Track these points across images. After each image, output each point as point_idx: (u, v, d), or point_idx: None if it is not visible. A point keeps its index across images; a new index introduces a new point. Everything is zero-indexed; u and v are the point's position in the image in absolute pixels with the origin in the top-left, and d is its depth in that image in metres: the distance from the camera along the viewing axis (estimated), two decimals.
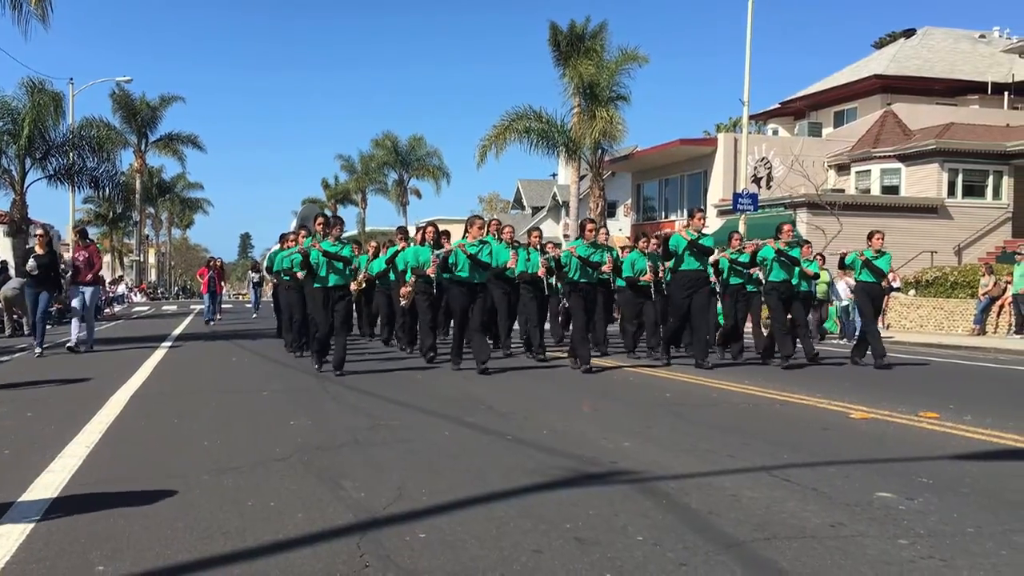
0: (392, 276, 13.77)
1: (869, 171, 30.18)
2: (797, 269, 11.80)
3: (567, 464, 5.30)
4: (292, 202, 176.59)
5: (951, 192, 28.83)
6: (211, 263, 24.18)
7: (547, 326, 14.09)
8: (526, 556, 3.57)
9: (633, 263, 12.54)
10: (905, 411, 7.51)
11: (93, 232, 63.11)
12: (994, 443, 6.18)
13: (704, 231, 11.62)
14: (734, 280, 12.50)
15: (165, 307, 37.22)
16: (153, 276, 68.35)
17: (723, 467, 5.24)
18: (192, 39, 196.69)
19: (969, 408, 7.71)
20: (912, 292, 22.73)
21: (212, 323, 21.84)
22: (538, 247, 12.76)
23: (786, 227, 12.02)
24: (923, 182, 29.03)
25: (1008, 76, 32.90)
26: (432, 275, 11.10)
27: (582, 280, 11.00)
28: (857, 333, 13.76)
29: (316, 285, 10.34)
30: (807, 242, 13.54)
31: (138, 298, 47.17)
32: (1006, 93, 32.91)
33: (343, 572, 3.38)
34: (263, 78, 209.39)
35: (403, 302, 12.87)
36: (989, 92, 33.28)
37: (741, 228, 22.55)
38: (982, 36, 38.16)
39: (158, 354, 13.18)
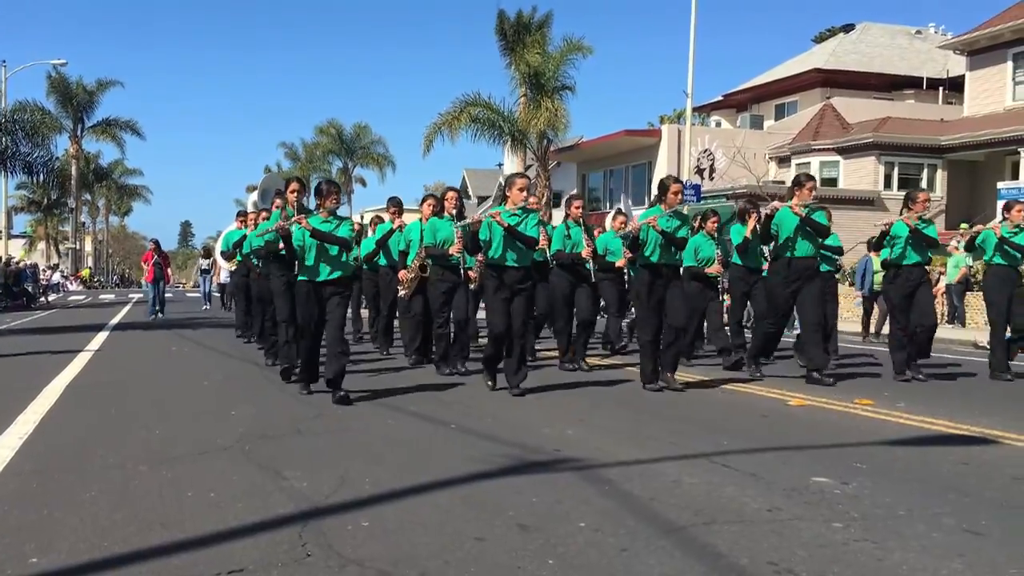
0: (383, 260, 11.10)
1: (809, 163, 30.70)
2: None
3: (510, 452, 5.32)
4: (234, 190, 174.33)
5: (887, 184, 29.47)
6: (156, 247, 21.19)
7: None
8: (469, 543, 3.58)
9: (697, 249, 9.97)
10: (841, 399, 7.68)
11: (27, 219, 61.60)
12: (926, 429, 6.36)
13: (811, 204, 8.78)
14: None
15: (102, 296, 36.44)
16: (90, 264, 66.78)
17: (665, 454, 5.31)
18: (129, 23, 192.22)
19: (903, 396, 7.91)
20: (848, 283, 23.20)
21: (155, 318, 19.26)
22: (579, 220, 9.74)
23: (922, 196, 9.36)
24: (860, 174, 29.64)
25: (943, 72, 33.68)
26: (456, 255, 8.86)
27: (662, 262, 8.12)
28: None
29: (302, 278, 7.37)
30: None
31: (74, 286, 46.10)
32: (941, 88, 33.69)
33: (284, 562, 3.35)
34: (204, 59, 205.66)
35: (402, 292, 10.02)
36: (925, 87, 34.06)
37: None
38: (918, 32, 39.01)
39: (95, 343, 12.90)
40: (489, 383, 8.02)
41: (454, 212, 9.05)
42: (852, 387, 8.45)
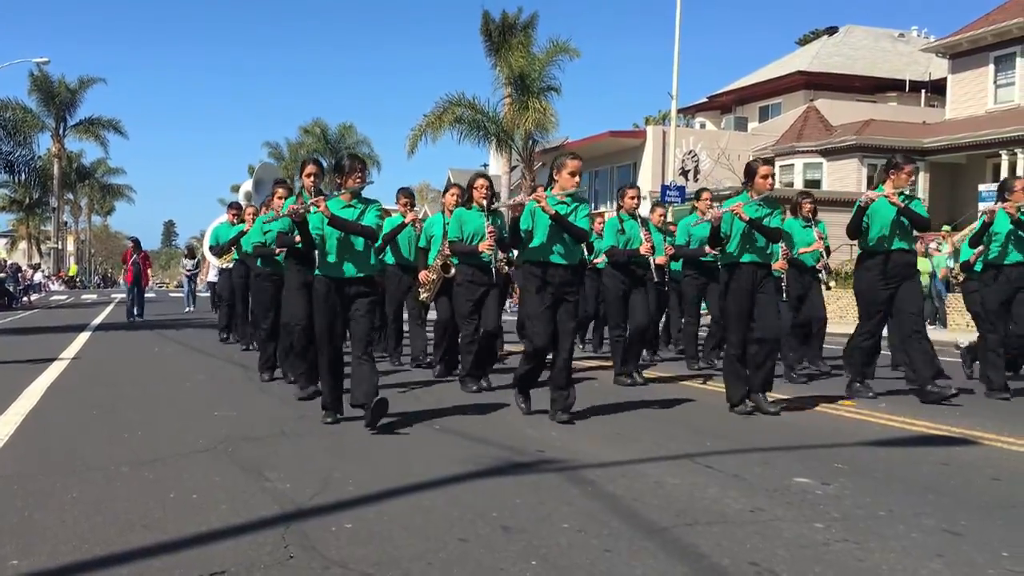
0: (390, 259, 9.64)
1: (792, 165, 30.88)
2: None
3: (494, 453, 5.32)
4: (218, 189, 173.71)
5: (870, 186, 29.63)
6: (136, 246, 20.13)
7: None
8: (452, 545, 3.59)
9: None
10: (824, 399, 7.72)
11: (8, 218, 61.18)
12: (907, 430, 6.41)
13: (906, 191, 7.58)
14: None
15: (85, 296, 36.22)
16: (72, 263, 66.36)
17: (648, 455, 5.33)
18: (112, 21, 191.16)
19: (885, 396, 7.96)
20: (832, 284, 23.34)
21: (133, 320, 18.33)
22: (635, 214, 8.53)
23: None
24: (844, 176, 29.81)
25: (925, 75, 33.92)
26: (488, 252, 7.75)
27: (746, 258, 6.97)
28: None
29: (318, 273, 6.20)
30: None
31: (56, 286, 45.80)
32: (923, 91, 33.94)
33: (267, 563, 3.35)
34: (188, 58, 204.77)
35: (424, 295, 8.82)
36: (907, 90, 34.29)
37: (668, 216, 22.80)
38: (901, 35, 39.28)
39: (77, 344, 12.82)
40: (523, 406, 6.77)
41: (484, 203, 7.83)
42: (837, 388, 8.47)
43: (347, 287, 6.10)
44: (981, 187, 26.02)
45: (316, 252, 6.39)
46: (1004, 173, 25.82)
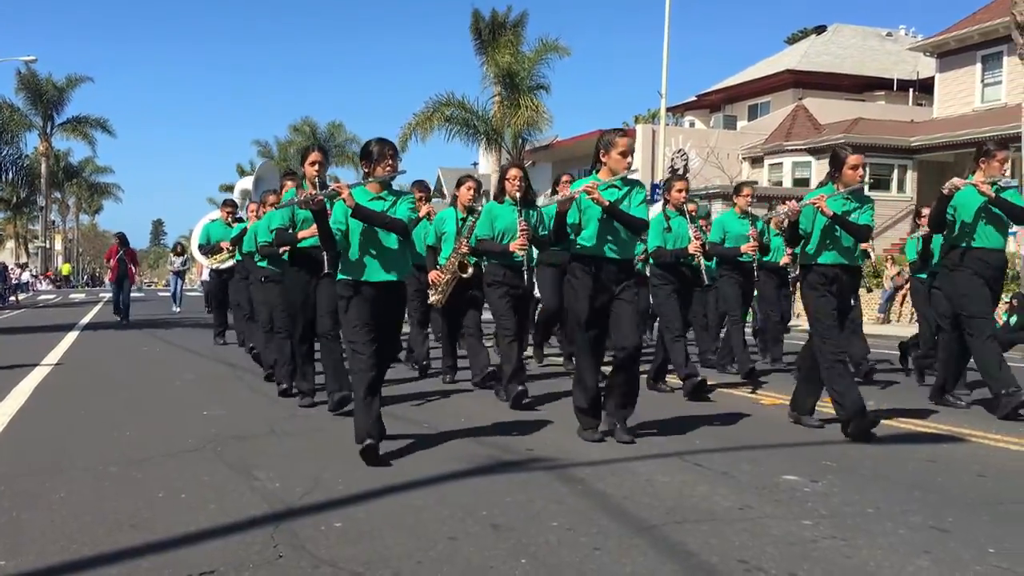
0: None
1: (781, 164, 30.96)
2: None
3: (483, 452, 5.33)
4: (207, 188, 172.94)
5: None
6: (121, 242, 18.72)
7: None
8: (442, 543, 3.59)
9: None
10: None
11: None
12: (894, 427, 6.43)
13: (1000, 180, 6.73)
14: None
15: (73, 295, 36.05)
16: (60, 263, 66.05)
17: (637, 453, 5.34)
18: (100, 19, 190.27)
19: (873, 394, 7.98)
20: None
21: (119, 321, 17.43)
22: (683, 209, 7.80)
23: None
24: None
25: (913, 73, 34.05)
26: (519, 252, 7.10)
27: (827, 259, 6.08)
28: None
29: (344, 277, 5.24)
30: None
31: (44, 286, 45.59)
32: (911, 90, 34.06)
33: (256, 563, 3.34)
34: (177, 56, 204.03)
35: (433, 297, 7.78)
36: (895, 88, 34.41)
37: None
38: (889, 34, 39.42)
39: (65, 343, 12.77)
40: (592, 431, 5.70)
41: (517, 195, 7.09)
42: None
43: (374, 292, 5.19)
44: None
45: (330, 252, 5.59)
46: None
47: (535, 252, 8.14)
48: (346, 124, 54.19)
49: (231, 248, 11.31)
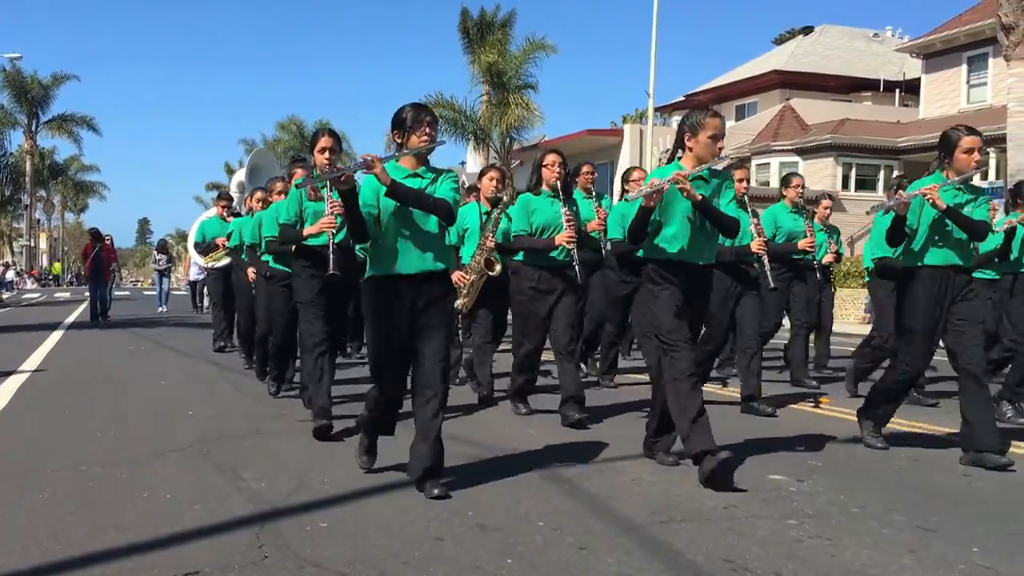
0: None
1: (769, 164, 31.05)
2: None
3: (470, 451, 5.32)
4: (194, 187, 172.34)
5: (845, 185, 29.88)
6: (95, 237, 17.42)
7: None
8: (428, 544, 3.59)
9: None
10: (800, 396, 7.78)
11: None
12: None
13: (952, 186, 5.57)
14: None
15: (58, 294, 35.82)
16: (45, 262, 65.64)
17: (624, 453, 5.34)
18: (84, 17, 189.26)
19: (860, 392, 8.02)
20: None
21: (101, 321, 16.70)
22: (742, 201, 6.55)
23: None
24: (819, 175, 29.98)
25: (899, 75, 34.20)
26: (567, 246, 6.18)
27: (935, 258, 5.28)
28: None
29: (374, 273, 4.42)
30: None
31: (29, 284, 45.33)
32: (897, 91, 34.21)
33: (241, 563, 3.33)
34: (164, 53, 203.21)
35: (460, 300, 6.87)
36: (881, 89, 34.54)
37: None
38: (876, 35, 39.57)
39: (50, 342, 12.68)
40: (708, 462, 4.50)
41: (558, 184, 6.32)
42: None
43: (413, 287, 4.36)
44: None
45: (361, 239, 4.53)
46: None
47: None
48: (333, 122, 53.81)
49: (228, 246, 10.20)
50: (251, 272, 8.36)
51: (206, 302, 17.50)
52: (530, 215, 6.33)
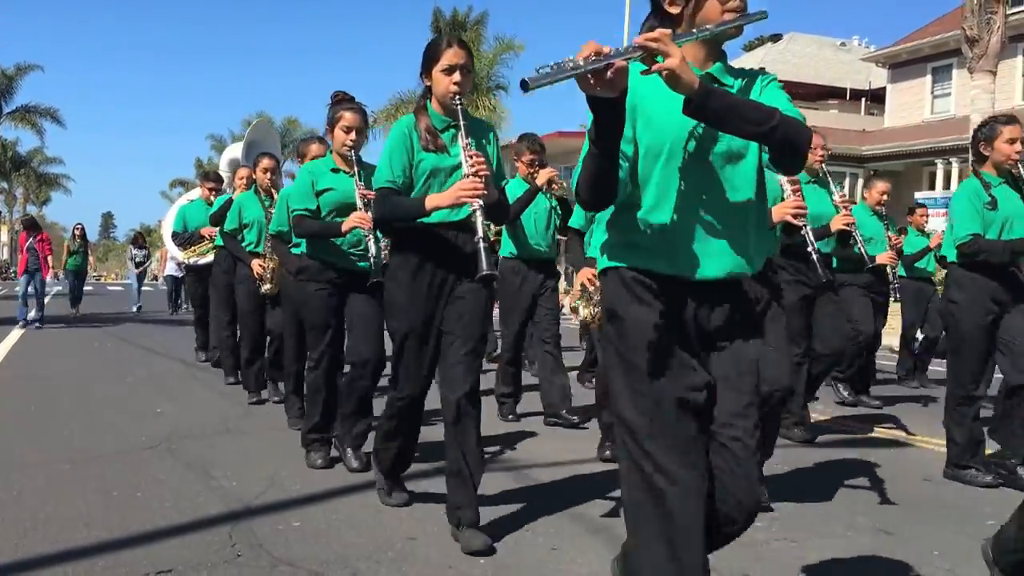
0: (507, 248, 6.57)
1: None
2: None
3: (442, 452, 5.32)
4: (160, 182, 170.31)
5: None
6: (29, 228, 15.69)
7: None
8: (400, 543, 3.61)
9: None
10: None
11: None
12: (844, 431, 6.57)
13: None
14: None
15: (18, 288, 35.27)
16: (6, 255, 64.56)
17: (594, 455, 5.38)
18: (50, 7, 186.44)
19: (822, 399, 8.14)
20: None
21: (27, 325, 14.50)
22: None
23: None
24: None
25: (866, 83, 34.68)
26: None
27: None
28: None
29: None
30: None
31: None
32: (863, 99, 34.69)
33: (214, 562, 3.34)
34: (129, 43, 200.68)
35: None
36: (848, 98, 35.02)
37: None
38: (843, 44, 40.08)
39: (12, 338, 12.51)
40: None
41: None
42: None
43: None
44: (917, 195, 26.71)
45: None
46: (940, 182, 26.56)
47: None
48: (301, 119, 53.30)
49: (213, 237, 8.33)
50: (257, 265, 6.60)
51: (184, 301, 16.83)
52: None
